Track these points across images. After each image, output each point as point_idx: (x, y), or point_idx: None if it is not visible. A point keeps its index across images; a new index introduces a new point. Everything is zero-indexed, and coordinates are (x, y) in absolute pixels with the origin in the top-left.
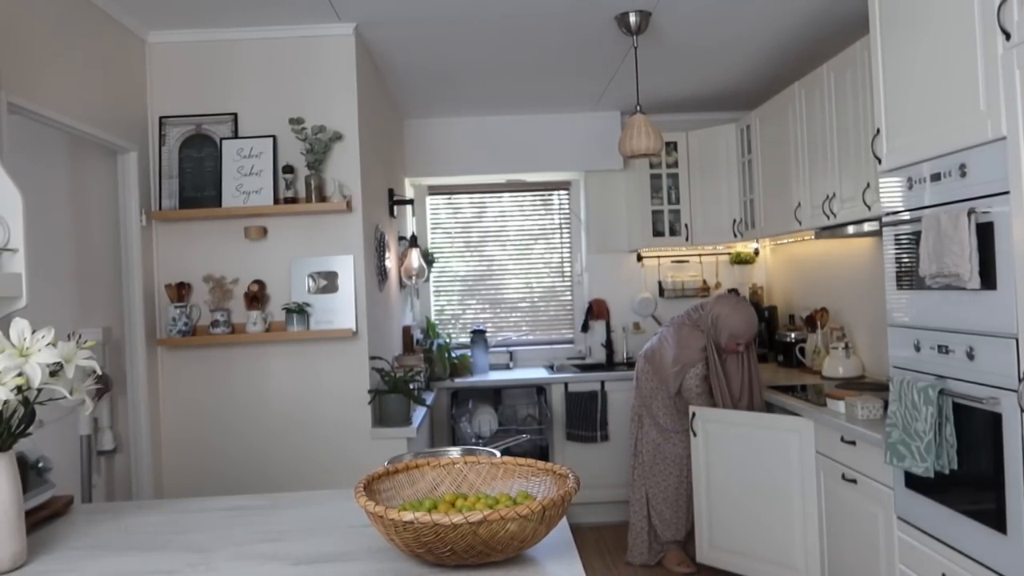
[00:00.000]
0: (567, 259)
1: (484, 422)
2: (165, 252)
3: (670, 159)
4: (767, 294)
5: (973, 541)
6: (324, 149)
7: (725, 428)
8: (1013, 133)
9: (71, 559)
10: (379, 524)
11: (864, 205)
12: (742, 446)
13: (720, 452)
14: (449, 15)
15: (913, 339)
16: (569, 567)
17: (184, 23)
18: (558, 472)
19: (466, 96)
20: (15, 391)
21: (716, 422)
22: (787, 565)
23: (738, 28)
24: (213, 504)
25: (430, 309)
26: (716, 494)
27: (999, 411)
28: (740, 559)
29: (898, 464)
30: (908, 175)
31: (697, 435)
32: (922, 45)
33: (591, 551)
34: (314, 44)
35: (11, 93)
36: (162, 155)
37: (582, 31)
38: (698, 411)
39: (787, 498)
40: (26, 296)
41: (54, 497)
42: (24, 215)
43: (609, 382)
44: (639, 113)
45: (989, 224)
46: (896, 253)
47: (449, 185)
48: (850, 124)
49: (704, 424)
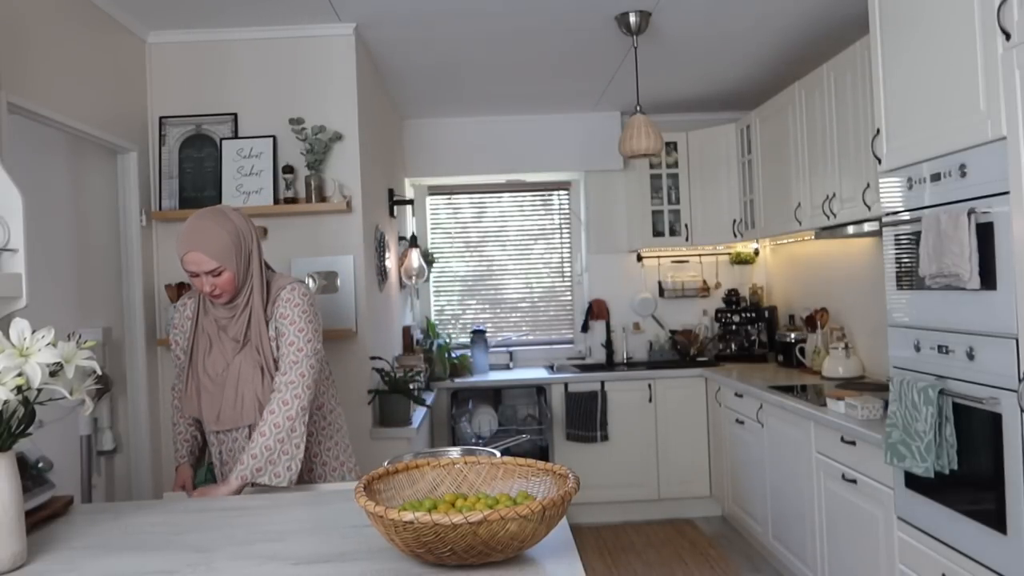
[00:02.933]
0: (567, 259)
1: (484, 422)
2: (165, 252)
3: (670, 159)
4: (767, 294)
5: (973, 541)
6: (324, 149)
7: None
8: (1013, 133)
9: (71, 559)
10: (379, 524)
11: (864, 205)
12: None
13: None
14: (449, 15)
15: (913, 339)
16: (569, 567)
17: (184, 23)
18: (558, 472)
19: (466, 96)
20: (15, 391)
21: None
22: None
23: (738, 28)
24: (213, 504)
25: (430, 309)
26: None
27: (999, 411)
28: None
29: (898, 464)
30: (908, 175)
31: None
32: (922, 45)
33: (591, 551)
34: (314, 44)
35: (11, 93)
36: (162, 155)
37: (582, 31)
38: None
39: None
40: (26, 296)
41: (54, 497)
42: (24, 215)
43: (609, 382)
44: (639, 113)
45: (989, 224)
46: (896, 253)
47: (449, 185)
48: (850, 124)
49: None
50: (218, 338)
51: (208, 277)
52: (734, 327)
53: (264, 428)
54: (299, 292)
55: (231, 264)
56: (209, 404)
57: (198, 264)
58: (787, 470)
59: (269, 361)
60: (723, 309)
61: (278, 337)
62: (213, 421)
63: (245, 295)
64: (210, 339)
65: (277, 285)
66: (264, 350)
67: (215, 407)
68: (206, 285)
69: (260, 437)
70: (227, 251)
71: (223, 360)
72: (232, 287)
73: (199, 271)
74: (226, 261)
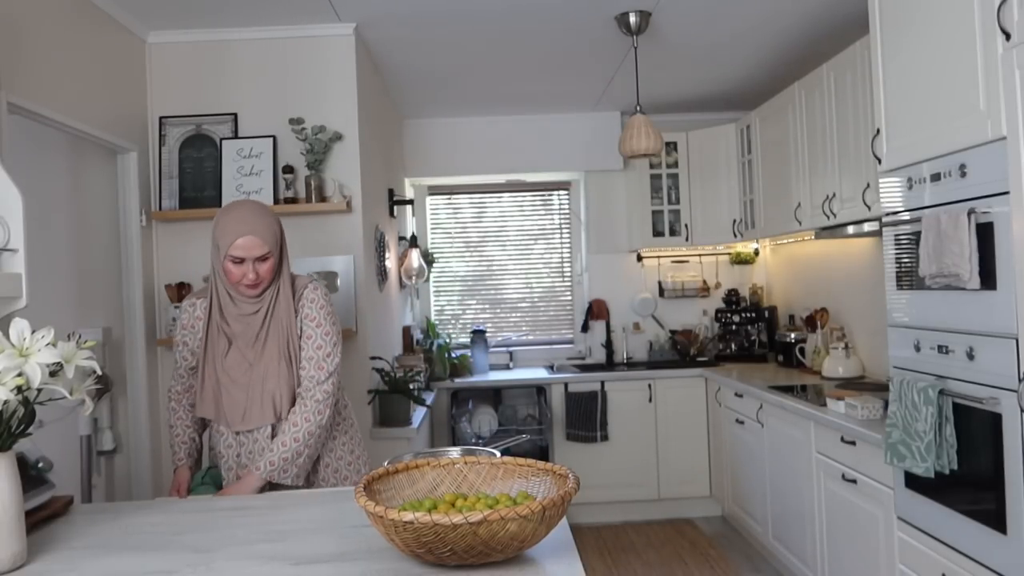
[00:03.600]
0: (567, 259)
1: (484, 422)
2: (165, 252)
3: (670, 159)
4: (767, 294)
5: (973, 541)
6: (324, 149)
7: None
8: (1013, 133)
9: (71, 559)
10: (379, 524)
11: (864, 205)
12: None
13: None
14: (449, 15)
15: (913, 339)
16: (569, 567)
17: (184, 23)
18: (558, 472)
19: (466, 96)
20: (15, 391)
21: None
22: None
23: (738, 28)
24: (213, 504)
25: (430, 309)
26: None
27: (999, 411)
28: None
29: (898, 464)
30: (908, 175)
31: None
32: (922, 45)
33: (591, 551)
34: (314, 44)
35: (11, 93)
36: (162, 155)
37: (582, 31)
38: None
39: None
40: (26, 296)
41: (54, 497)
42: (24, 215)
43: (609, 382)
44: (639, 113)
45: (989, 224)
46: (896, 253)
47: (449, 185)
48: (850, 124)
49: None
50: (238, 337)
51: (253, 264)
52: (734, 327)
53: (298, 434)
54: (321, 292)
55: (276, 252)
56: (233, 405)
57: (250, 249)
58: (787, 470)
59: (296, 355)
60: (723, 309)
61: (302, 336)
62: (238, 421)
63: (274, 288)
64: (228, 339)
65: (300, 283)
66: (292, 344)
67: (239, 408)
68: (250, 272)
69: (293, 442)
70: (275, 238)
71: (245, 360)
72: (270, 277)
73: (248, 256)
74: (274, 248)
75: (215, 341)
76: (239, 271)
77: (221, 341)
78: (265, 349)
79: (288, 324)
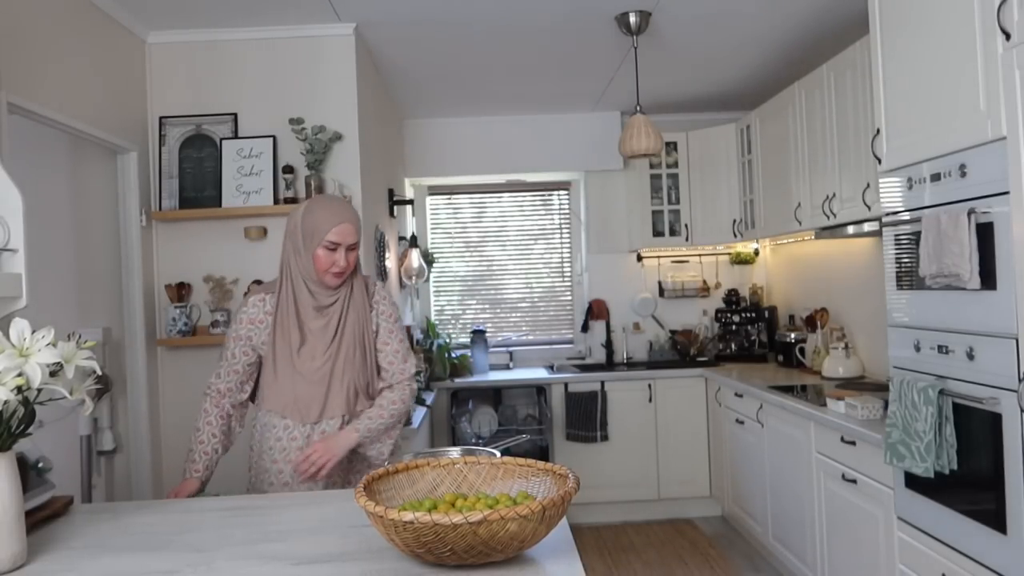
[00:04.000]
0: (567, 259)
1: (484, 422)
2: (165, 252)
3: (670, 159)
4: (767, 294)
5: (973, 541)
6: (324, 149)
7: None
8: (1013, 133)
9: (71, 559)
10: (379, 524)
11: (864, 205)
12: None
13: None
14: (449, 15)
15: (913, 339)
16: (569, 567)
17: (184, 23)
18: (558, 472)
19: (466, 96)
20: (15, 391)
21: None
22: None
23: (738, 28)
24: (213, 504)
25: (430, 309)
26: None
27: (999, 411)
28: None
29: (898, 464)
30: (908, 175)
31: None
32: (922, 45)
33: (591, 551)
34: (314, 44)
35: (11, 93)
36: (162, 155)
37: (582, 31)
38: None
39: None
40: (26, 296)
41: (54, 497)
42: (24, 215)
43: (609, 382)
44: (639, 113)
45: (989, 224)
46: (896, 253)
47: (449, 185)
48: (850, 124)
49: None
50: (314, 331)
51: (344, 252)
52: (734, 327)
53: (393, 410)
54: (387, 289)
55: (361, 243)
56: (311, 398)
57: (346, 236)
58: (787, 470)
59: (372, 348)
60: (723, 309)
61: (379, 331)
62: (315, 414)
63: (350, 282)
64: (301, 333)
65: (368, 280)
66: (368, 338)
67: (317, 401)
68: (341, 260)
69: (389, 416)
70: (361, 230)
71: (321, 354)
72: (352, 268)
73: (344, 242)
74: (360, 239)
75: (288, 335)
76: (330, 259)
77: (294, 335)
78: (343, 342)
79: (364, 318)
